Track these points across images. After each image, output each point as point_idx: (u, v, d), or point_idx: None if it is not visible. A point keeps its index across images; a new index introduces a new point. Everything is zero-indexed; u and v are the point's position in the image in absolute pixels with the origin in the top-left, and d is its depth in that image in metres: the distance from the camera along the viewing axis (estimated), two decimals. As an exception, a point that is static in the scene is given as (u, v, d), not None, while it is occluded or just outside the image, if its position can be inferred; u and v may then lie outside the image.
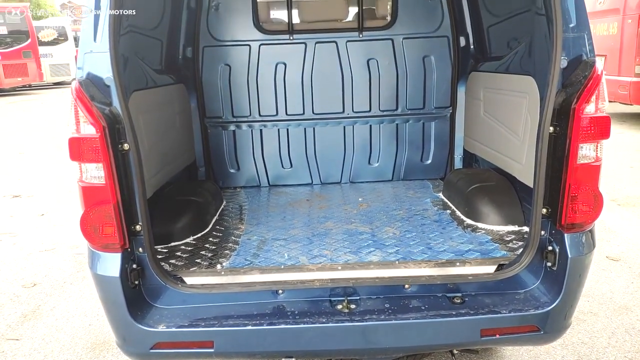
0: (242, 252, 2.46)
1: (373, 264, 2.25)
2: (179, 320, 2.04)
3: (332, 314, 2.02)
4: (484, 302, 2.05)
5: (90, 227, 1.97)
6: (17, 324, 3.46)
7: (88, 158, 1.92)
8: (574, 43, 2.00)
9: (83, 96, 1.89)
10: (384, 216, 2.91)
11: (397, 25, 3.58)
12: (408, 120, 3.69)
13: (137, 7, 2.49)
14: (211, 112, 3.65)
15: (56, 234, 5.12)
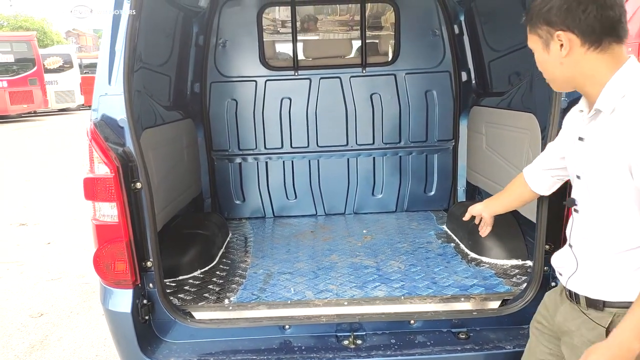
0: (248, 286, 2.51)
1: (379, 300, 2.30)
2: (188, 355, 2.08)
3: (339, 350, 2.07)
4: (489, 338, 2.10)
5: (103, 264, 2.03)
6: (24, 354, 3.49)
7: (102, 197, 1.99)
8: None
9: (98, 137, 1.97)
10: (389, 249, 2.96)
11: (400, 61, 3.70)
12: (411, 153, 3.78)
13: (148, 46, 2.58)
14: (218, 146, 3.76)
15: (62, 263, 5.17)
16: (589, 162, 1.50)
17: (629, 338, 1.36)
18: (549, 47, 1.49)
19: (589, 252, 1.57)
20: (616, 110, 1.41)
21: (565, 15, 1.42)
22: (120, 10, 2.08)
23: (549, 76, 1.58)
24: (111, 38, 2.08)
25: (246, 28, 3.66)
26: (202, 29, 3.54)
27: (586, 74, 1.47)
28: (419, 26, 3.64)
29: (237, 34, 3.67)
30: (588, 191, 1.53)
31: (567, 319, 1.63)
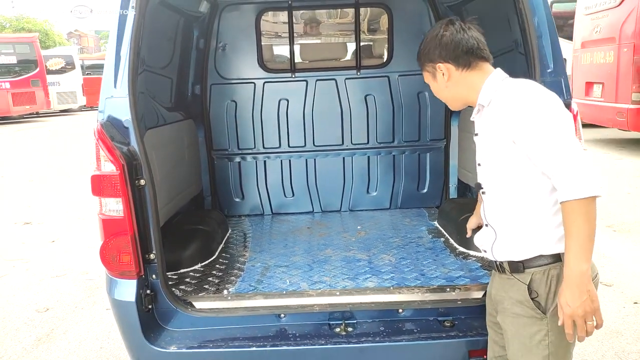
0: (246, 278, 2.64)
1: (369, 290, 2.43)
2: (189, 342, 2.21)
3: (331, 337, 2.19)
4: (473, 325, 2.22)
5: (109, 256, 2.16)
6: (32, 347, 3.62)
7: (108, 193, 2.12)
8: (552, 86, 2.19)
9: (104, 137, 2.10)
10: (381, 244, 3.09)
11: (393, 64, 3.83)
12: (404, 152, 3.91)
13: (151, 49, 2.71)
14: (218, 145, 3.88)
15: (67, 260, 5.29)
16: (484, 149, 1.87)
17: (577, 264, 1.61)
18: (436, 77, 1.93)
19: (503, 224, 1.84)
20: (492, 102, 1.80)
21: (439, 52, 1.86)
22: (125, 16, 2.21)
23: (444, 99, 2.00)
24: (116, 44, 2.21)
25: (245, 32, 3.78)
26: (203, 33, 3.66)
27: (467, 88, 1.88)
28: (411, 30, 3.76)
29: (236, 38, 3.79)
30: (488, 174, 1.87)
31: (499, 289, 1.91)
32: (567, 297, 1.64)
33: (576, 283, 1.62)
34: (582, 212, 1.61)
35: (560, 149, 1.64)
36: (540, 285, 1.76)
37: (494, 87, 1.82)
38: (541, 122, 1.66)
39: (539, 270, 1.76)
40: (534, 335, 1.76)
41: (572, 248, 1.63)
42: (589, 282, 1.63)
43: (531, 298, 1.76)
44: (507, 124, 1.72)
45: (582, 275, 1.61)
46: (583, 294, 1.61)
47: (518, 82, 1.82)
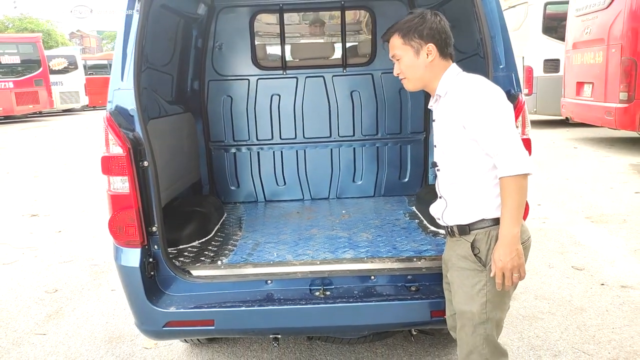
0: (239, 252, 2.94)
1: (346, 260, 2.73)
2: (186, 304, 2.49)
3: (311, 299, 2.48)
4: (435, 290, 2.50)
5: (116, 227, 2.45)
6: (42, 322, 3.92)
7: (116, 172, 2.41)
8: (503, 80, 2.49)
9: (113, 124, 2.39)
10: (362, 224, 3.39)
11: (376, 62, 4.07)
12: (387, 144, 4.17)
13: (154, 49, 3.01)
14: (215, 137, 4.12)
15: (73, 248, 5.58)
16: (440, 133, 2.15)
17: (509, 228, 1.94)
18: (419, 54, 2.10)
19: (452, 193, 2.15)
20: (448, 93, 2.08)
21: (432, 34, 2.07)
22: (131, 17, 2.51)
23: (413, 76, 2.16)
24: (123, 42, 2.50)
25: (240, 32, 4.00)
26: (201, 33, 3.89)
27: (434, 75, 2.12)
28: None
29: (231, 38, 4.02)
30: (442, 154, 2.16)
31: (449, 250, 2.23)
32: (499, 253, 1.97)
33: (507, 243, 1.95)
34: (515, 187, 1.92)
35: (500, 134, 1.94)
36: (481, 243, 2.06)
37: (450, 80, 2.10)
38: (486, 111, 1.96)
39: (481, 231, 2.06)
40: (475, 285, 2.07)
41: (505, 215, 1.96)
42: (517, 242, 1.96)
43: (474, 254, 2.07)
44: (459, 112, 2.01)
45: (513, 237, 1.94)
46: (512, 252, 1.94)
47: (470, 77, 2.10)
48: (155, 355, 3.37)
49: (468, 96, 2.01)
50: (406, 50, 2.12)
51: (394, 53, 2.18)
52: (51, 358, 3.39)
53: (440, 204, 2.23)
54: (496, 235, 2.02)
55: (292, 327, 2.52)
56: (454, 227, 2.15)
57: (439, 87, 2.13)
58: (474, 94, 2.01)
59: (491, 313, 2.08)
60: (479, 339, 2.10)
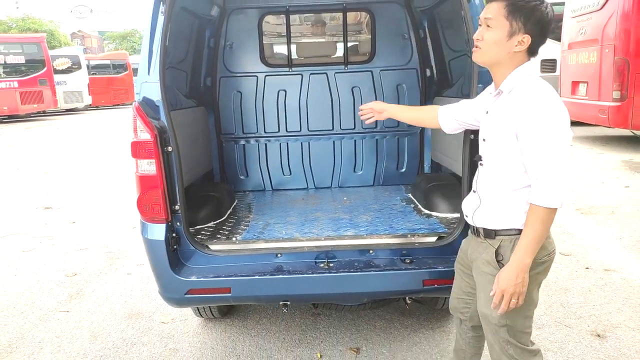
0: (251, 230, 3.23)
1: (347, 237, 3.02)
2: (206, 274, 2.76)
3: (316, 270, 2.76)
4: (427, 262, 2.78)
5: (144, 205, 2.74)
6: (65, 301, 4.21)
7: (143, 156, 2.69)
8: (487, 75, 2.75)
9: (141, 112, 2.68)
10: (362, 208, 3.67)
11: (376, 60, 4.29)
12: (386, 136, 4.40)
13: (172, 47, 3.31)
14: (226, 130, 4.34)
15: (88, 237, 5.86)
16: (491, 130, 2.06)
17: (521, 255, 1.92)
18: (511, 37, 1.93)
19: (488, 193, 2.12)
20: (513, 92, 1.96)
21: (536, 27, 1.92)
22: (156, 19, 2.81)
23: (489, 53, 2.00)
24: (149, 41, 2.79)
25: (249, 32, 4.23)
26: (213, 33, 4.14)
27: (510, 64, 1.98)
28: (391, 31, 4.23)
29: (241, 37, 4.25)
30: (490, 150, 2.08)
31: (473, 250, 2.22)
32: (505, 275, 1.95)
33: (516, 269, 1.93)
34: (541, 217, 1.89)
35: (548, 160, 1.87)
36: (506, 250, 2.04)
37: (519, 79, 1.97)
38: (544, 132, 1.86)
39: (507, 238, 2.04)
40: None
41: (522, 242, 1.93)
42: (526, 271, 1.93)
43: (497, 260, 2.06)
44: (517, 119, 1.91)
45: (523, 265, 1.92)
46: (518, 278, 1.92)
47: (540, 86, 1.93)
48: (172, 329, 3.67)
49: (532, 108, 1.89)
50: (502, 26, 1.95)
51: (489, 18, 1.98)
52: (76, 332, 3.69)
53: (473, 201, 2.22)
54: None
55: (299, 294, 2.82)
56: (480, 229, 2.15)
57: (506, 82, 2.00)
58: (539, 109, 1.88)
59: (510, 320, 2.06)
60: (502, 341, 2.11)
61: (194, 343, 3.46)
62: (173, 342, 3.48)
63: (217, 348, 3.38)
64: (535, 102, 1.89)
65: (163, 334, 3.59)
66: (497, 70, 2.05)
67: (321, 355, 3.24)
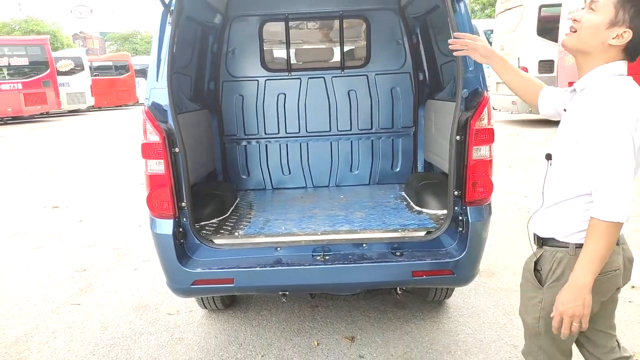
0: (252, 226, 3.44)
1: (342, 231, 3.23)
2: (210, 266, 2.96)
3: (313, 262, 2.95)
4: (416, 254, 2.97)
5: (153, 202, 2.94)
6: (76, 295, 4.42)
7: (153, 156, 2.89)
8: (472, 81, 2.97)
9: (150, 116, 2.89)
10: (357, 206, 3.87)
11: (371, 64, 4.48)
12: (381, 137, 4.58)
13: (178, 54, 3.52)
14: (228, 131, 4.53)
15: (95, 235, 6.06)
16: (564, 128, 1.89)
17: (581, 274, 1.78)
18: (612, 27, 1.75)
19: (550, 197, 1.98)
20: (586, 90, 1.80)
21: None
22: (164, 29, 3.02)
23: (584, 38, 1.81)
24: (158, 49, 3.00)
25: (250, 39, 4.42)
26: (216, 39, 4.33)
27: (596, 60, 1.81)
28: (385, 37, 4.42)
29: (243, 43, 4.44)
30: (559, 149, 1.93)
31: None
32: (564, 297, 1.81)
33: (576, 289, 1.78)
34: (602, 233, 1.73)
35: (609, 169, 1.71)
36: (545, 262, 1.96)
37: (597, 78, 1.80)
38: (603, 138, 1.70)
39: (549, 249, 1.95)
40: (532, 299, 2.03)
41: (583, 259, 1.78)
42: (588, 292, 1.78)
43: (535, 269, 2.00)
44: (579, 123, 1.78)
45: (584, 285, 1.77)
46: (578, 300, 1.78)
47: (617, 86, 1.76)
48: (178, 320, 3.88)
49: (594, 111, 1.73)
50: (607, 11, 1.77)
51: (597, 1, 1.80)
52: (87, 322, 3.90)
53: (539, 200, 2.07)
54: (561, 257, 1.92)
55: (297, 284, 3.03)
56: (534, 235, 2.08)
57: (582, 80, 1.84)
58: (601, 113, 1.71)
59: (544, 329, 1.99)
60: (534, 347, 2.08)
61: (198, 333, 3.68)
62: (179, 332, 3.69)
63: (220, 337, 3.60)
64: (602, 103, 1.72)
65: (169, 325, 3.80)
66: (583, 62, 1.86)
67: (318, 343, 3.45)
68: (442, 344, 3.39)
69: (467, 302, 3.96)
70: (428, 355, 3.28)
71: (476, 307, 3.89)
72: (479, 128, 2.87)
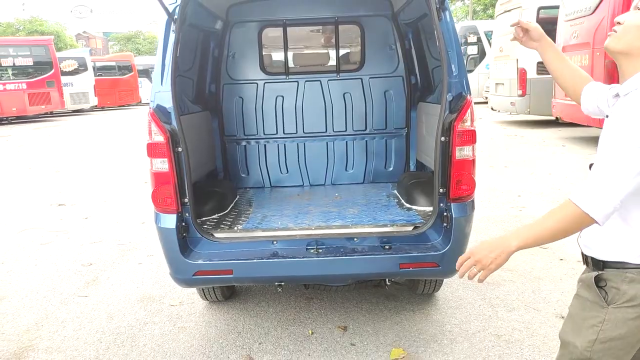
0: (250, 221, 3.64)
1: (335, 226, 3.43)
2: (211, 258, 3.15)
3: (307, 254, 3.15)
4: (403, 248, 3.18)
5: (158, 197, 3.14)
6: (83, 287, 4.63)
7: (157, 155, 3.10)
8: (456, 85, 3.17)
9: (155, 118, 3.09)
10: (350, 203, 4.07)
11: (365, 68, 4.67)
12: (374, 138, 4.76)
13: (181, 58, 3.73)
14: (228, 132, 4.72)
15: (101, 231, 6.27)
16: (605, 136, 1.69)
17: (512, 238, 1.71)
18: None
19: None
20: (629, 94, 1.66)
21: None
22: (168, 36, 3.23)
23: (625, 36, 1.72)
24: (162, 55, 3.20)
25: (249, 43, 4.61)
26: (217, 44, 4.52)
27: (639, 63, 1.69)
28: (379, 42, 4.61)
29: (243, 48, 4.63)
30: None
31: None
32: (483, 245, 1.75)
33: (498, 244, 1.72)
34: (566, 215, 1.63)
35: (608, 165, 1.59)
36: (613, 282, 1.73)
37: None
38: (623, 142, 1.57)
39: (615, 270, 1.74)
40: (588, 319, 1.77)
41: (527, 226, 1.71)
42: (506, 254, 1.70)
43: (598, 285, 1.75)
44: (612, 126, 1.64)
45: (507, 246, 1.70)
46: (493, 252, 1.71)
47: None
48: (180, 311, 4.09)
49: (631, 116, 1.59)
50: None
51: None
52: (94, 313, 4.11)
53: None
54: (632, 278, 1.70)
55: (292, 275, 3.23)
56: (588, 258, 1.84)
57: (626, 85, 1.71)
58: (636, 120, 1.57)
59: (596, 355, 1.77)
60: None
61: (199, 322, 3.89)
62: (181, 322, 3.90)
63: (220, 326, 3.80)
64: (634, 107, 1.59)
65: (172, 315, 4.01)
66: (625, 65, 1.75)
67: (312, 332, 3.65)
68: (429, 334, 3.59)
69: (455, 295, 4.16)
70: (416, 343, 3.47)
71: (463, 300, 4.09)
72: (462, 129, 3.07)
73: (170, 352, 3.48)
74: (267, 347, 3.49)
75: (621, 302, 1.72)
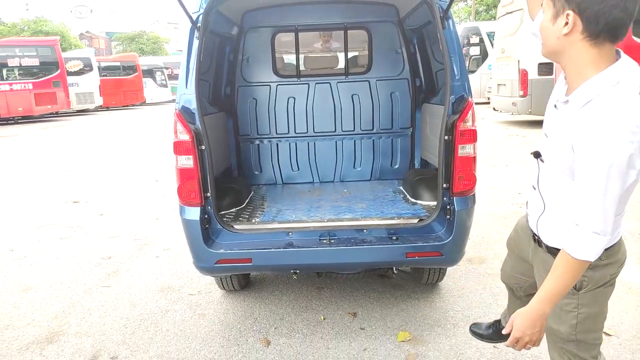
0: (267, 214, 3.90)
1: (346, 219, 3.68)
2: (231, 247, 3.41)
3: (320, 244, 3.40)
4: (410, 239, 3.43)
5: (183, 192, 3.40)
6: (105, 279, 4.89)
7: (183, 152, 3.35)
8: (458, 88, 3.42)
9: (181, 118, 3.34)
10: (359, 198, 4.32)
11: (372, 71, 4.91)
12: (381, 137, 5.00)
13: (203, 63, 3.99)
14: (243, 132, 4.95)
15: (117, 227, 6.51)
16: (556, 126, 1.72)
17: (541, 305, 1.72)
18: (556, 19, 1.60)
19: (553, 197, 1.84)
20: (590, 103, 1.57)
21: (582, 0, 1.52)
22: (192, 42, 3.49)
23: (544, 41, 1.71)
24: (187, 60, 3.44)
25: (263, 48, 4.85)
26: (233, 48, 4.75)
27: (571, 58, 1.62)
28: (385, 46, 4.84)
29: (257, 52, 4.86)
30: (551, 148, 1.78)
31: (535, 255, 2.06)
32: (521, 322, 1.76)
33: (533, 317, 1.73)
34: (571, 268, 1.66)
35: (595, 197, 1.56)
36: None
37: (601, 89, 1.57)
38: (598, 161, 1.52)
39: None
40: (565, 306, 1.87)
41: (542, 291, 1.72)
42: (544, 320, 1.74)
43: None
44: (579, 131, 1.58)
45: (541, 315, 1.73)
46: (535, 327, 1.74)
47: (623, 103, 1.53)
48: (199, 299, 4.35)
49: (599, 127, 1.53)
50: (548, 7, 1.66)
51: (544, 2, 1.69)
52: (118, 302, 4.37)
53: (537, 203, 1.95)
54: (594, 264, 1.75)
55: (306, 264, 3.49)
56: (543, 243, 1.94)
57: (582, 93, 1.62)
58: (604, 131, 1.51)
59: (581, 335, 1.90)
60: (569, 356, 1.97)
61: (218, 309, 4.15)
62: (200, 309, 4.16)
63: (237, 313, 4.06)
64: (605, 124, 1.52)
65: (191, 303, 4.27)
66: (563, 64, 1.71)
67: (324, 318, 3.91)
68: (433, 319, 3.85)
69: (457, 285, 4.42)
70: (421, 327, 3.73)
71: (466, 289, 4.34)
72: (463, 129, 3.32)
73: (192, 336, 3.74)
74: (282, 331, 3.75)
75: (589, 287, 1.85)
